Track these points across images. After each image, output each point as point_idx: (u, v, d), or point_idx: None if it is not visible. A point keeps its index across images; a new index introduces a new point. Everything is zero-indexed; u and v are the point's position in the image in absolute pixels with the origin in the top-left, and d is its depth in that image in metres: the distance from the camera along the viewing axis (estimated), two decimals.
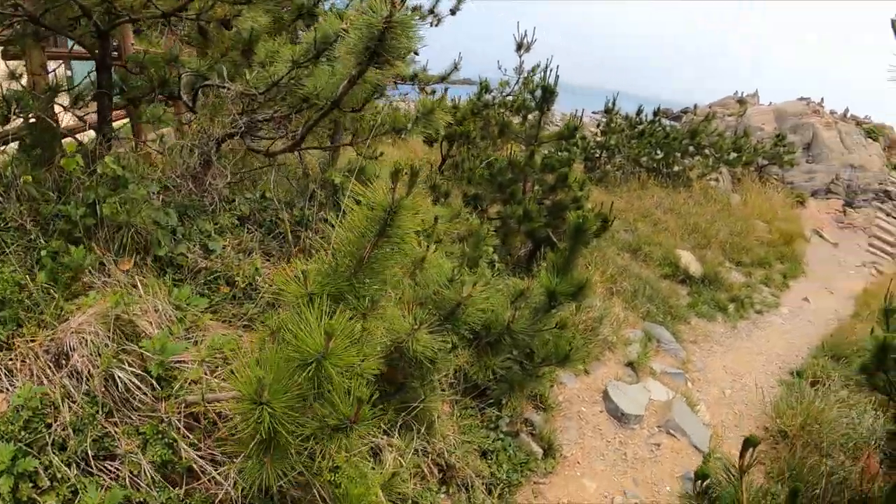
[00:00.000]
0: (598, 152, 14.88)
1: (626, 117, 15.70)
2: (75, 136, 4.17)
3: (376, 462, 2.64)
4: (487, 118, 10.59)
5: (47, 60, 4.16)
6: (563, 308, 3.69)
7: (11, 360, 2.41)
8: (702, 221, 12.29)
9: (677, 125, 17.90)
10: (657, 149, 15.04)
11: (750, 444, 2.28)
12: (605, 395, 5.06)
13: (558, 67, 7.62)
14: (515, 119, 9.61)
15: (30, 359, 2.41)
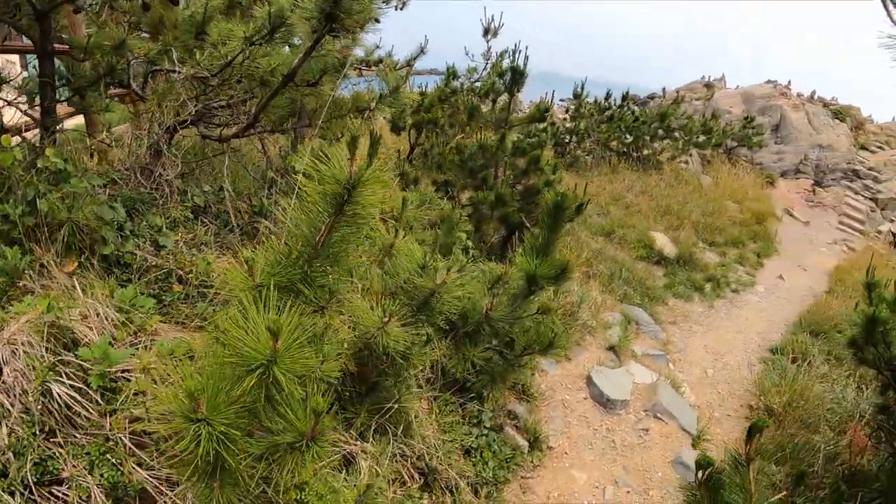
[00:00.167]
0: (567, 137, 14.76)
1: (595, 102, 15.61)
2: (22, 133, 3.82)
3: (349, 472, 2.36)
4: (456, 105, 10.34)
5: (5, 53, 3.78)
6: (542, 293, 3.46)
7: None
8: (674, 203, 12.26)
9: (645, 110, 17.88)
10: (627, 133, 14.99)
11: (756, 429, 2.08)
12: (588, 380, 4.87)
13: (527, 48, 7.39)
14: (485, 107, 9.37)
15: None
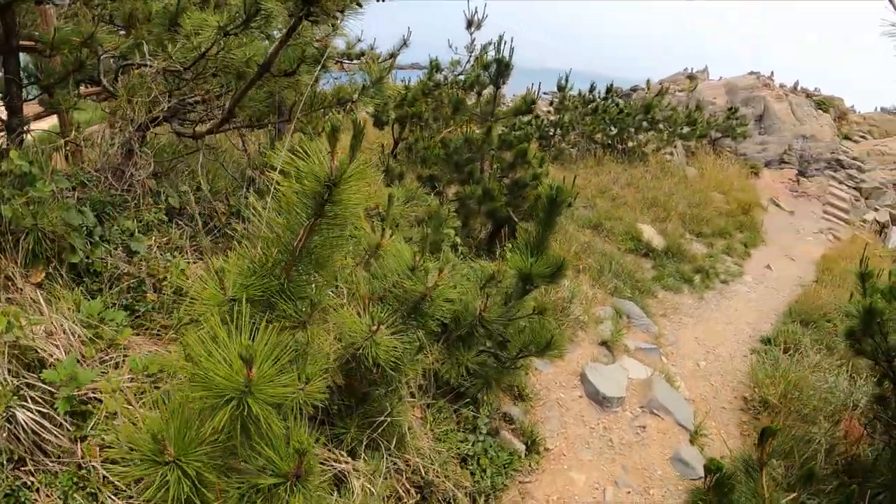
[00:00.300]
0: (552, 130, 14.65)
1: (580, 94, 15.51)
2: None
3: (341, 493, 2.20)
4: (440, 98, 10.16)
5: None
6: (536, 291, 3.32)
7: None
8: (660, 195, 12.20)
9: (630, 102, 17.83)
10: (612, 125, 14.91)
11: (769, 433, 1.97)
12: (582, 378, 4.75)
13: (513, 40, 7.24)
14: (469, 100, 9.21)
15: None
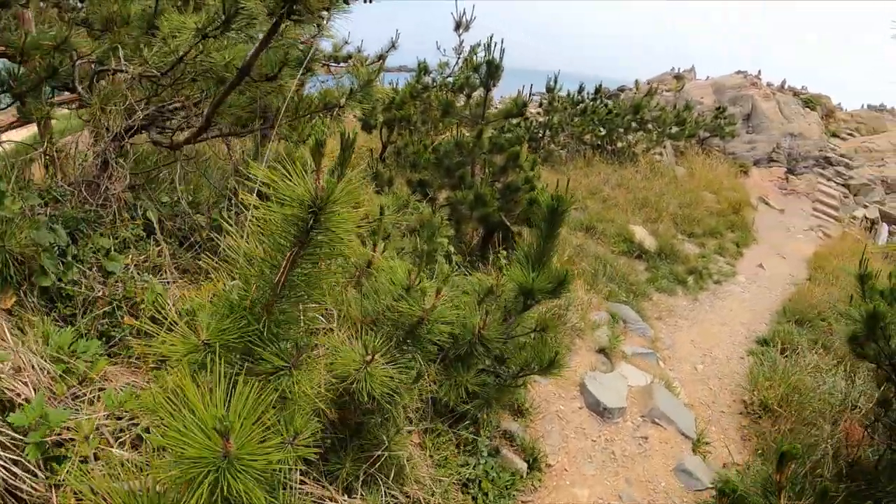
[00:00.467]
0: (540, 132, 14.58)
1: (568, 95, 15.46)
2: None
3: None
4: (428, 101, 10.05)
5: None
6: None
7: None
8: (651, 195, 12.17)
9: (618, 102, 17.81)
10: (601, 126, 14.87)
11: (788, 457, 1.86)
12: (582, 388, 4.64)
13: (503, 41, 7.13)
14: (459, 102, 9.09)
15: None
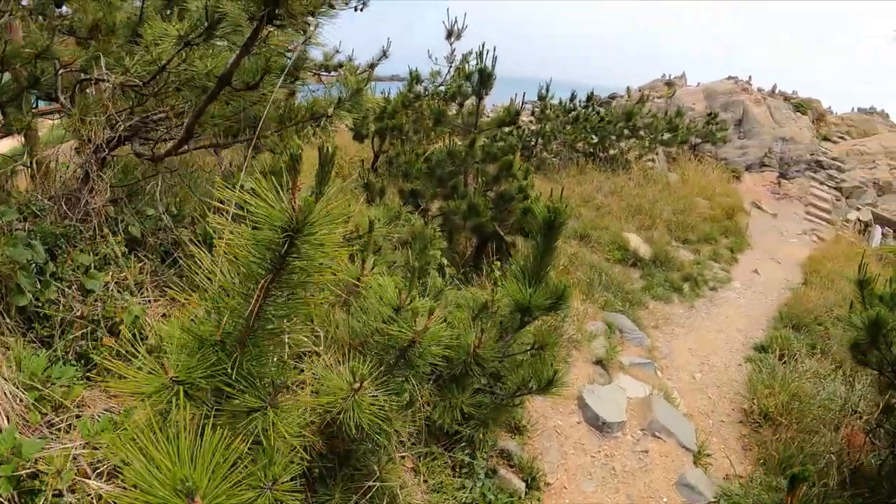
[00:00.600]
0: (533, 140, 14.57)
1: (560, 103, 15.47)
2: None
3: None
4: (420, 110, 9.99)
5: None
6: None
7: None
8: (644, 202, 12.11)
9: (610, 110, 17.85)
10: (593, 133, 14.87)
11: (799, 480, 1.78)
12: (580, 402, 4.53)
13: (495, 48, 7.09)
14: (451, 111, 9.03)
15: None
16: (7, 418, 1.92)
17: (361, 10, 7.66)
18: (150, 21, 3.35)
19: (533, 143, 14.61)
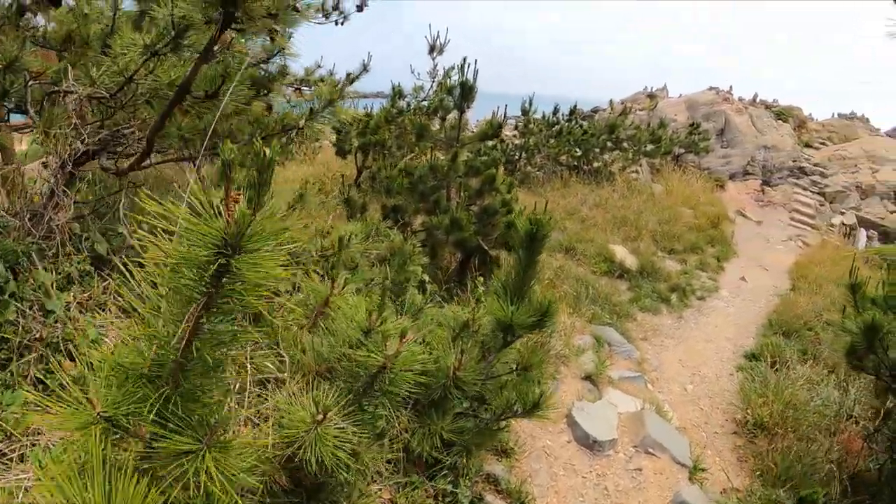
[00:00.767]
0: (517, 154, 14.55)
1: (543, 117, 15.49)
2: None
3: None
4: (403, 125, 9.92)
5: None
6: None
7: None
8: (629, 214, 12.07)
9: (593, 123, 17.92)
10: (576, 146, 14.88)
11: (808, 502, 1.65)
12: (570, 420, 4.38)
13: (476, 62, 7.02)
14: (434, 126, 8.96)
15: None
16: None
17: (342, 23, 7.58)
18: (120, 32, 3.23)
19: (517, 158, 14.58)
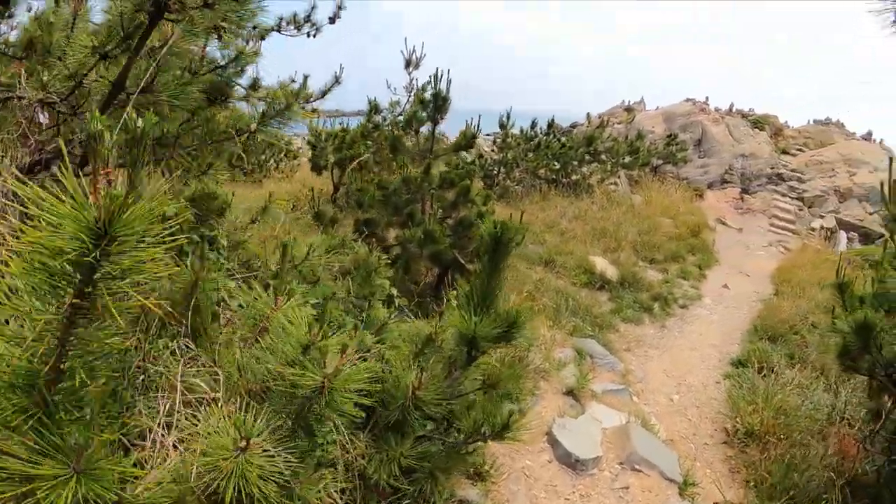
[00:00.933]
0: (495, 169, 14.48)
1: (522, 131, 15.47)
2: None
3: None
4: (379, 140, 9.76)
5: None
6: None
7: None
8: (609, 225, 11.96)
9: (571, 136, 17.94)
10: (555, 160, 14.84)
11: None
12: (550, 438, 4.13)
13: (449, 71, 6.89)
14: (410, 140, 8.79)
15: None
16: None
17: (314, 35, 7.42)
18: (73, 35, 3.00)
19: (495, 172, 14.50)
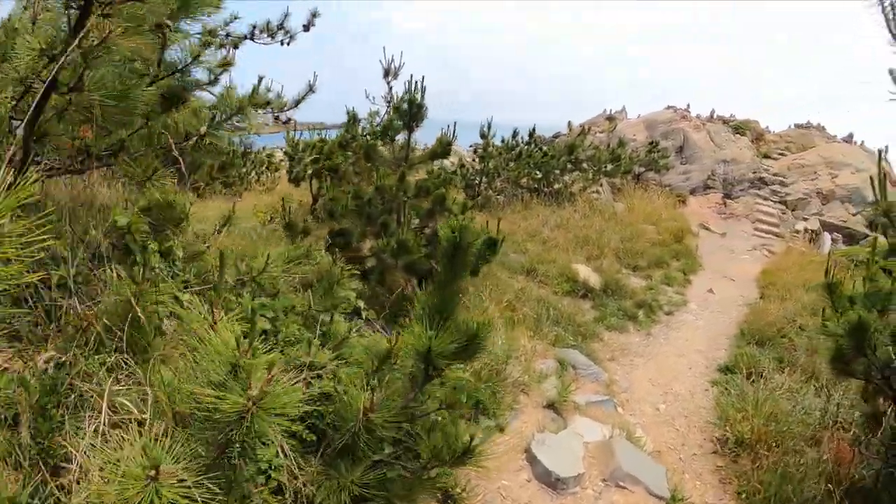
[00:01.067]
0: (477, 179, 14.35)
1: (503, 141, 15.38)
2: None
3: None
4: (357, 151, 9.57)
5: None
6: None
7: None
8: (591, 233, 11.82)
9: (553, 145, 17.88)
10: (536, 169, 14.75)
11: None
12: (528, 455, 3.89)
13: (424, 78, 6.72)
14: (387, 150, 8.61)
15: None
16: None
17: (288, 43, 7.25)
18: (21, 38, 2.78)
19: (477, 182, 14.37)
